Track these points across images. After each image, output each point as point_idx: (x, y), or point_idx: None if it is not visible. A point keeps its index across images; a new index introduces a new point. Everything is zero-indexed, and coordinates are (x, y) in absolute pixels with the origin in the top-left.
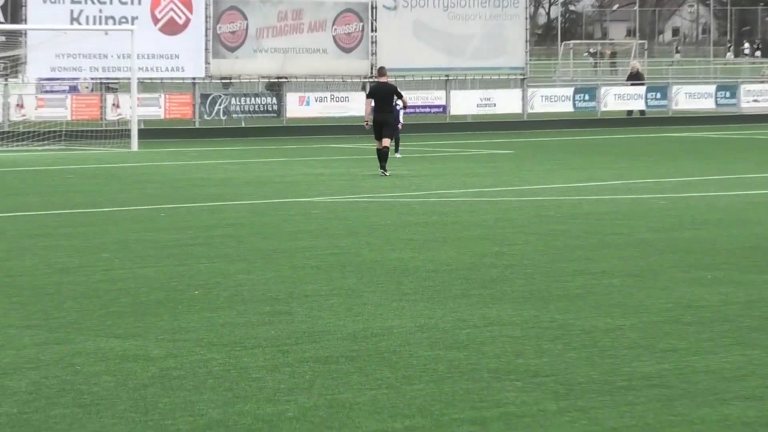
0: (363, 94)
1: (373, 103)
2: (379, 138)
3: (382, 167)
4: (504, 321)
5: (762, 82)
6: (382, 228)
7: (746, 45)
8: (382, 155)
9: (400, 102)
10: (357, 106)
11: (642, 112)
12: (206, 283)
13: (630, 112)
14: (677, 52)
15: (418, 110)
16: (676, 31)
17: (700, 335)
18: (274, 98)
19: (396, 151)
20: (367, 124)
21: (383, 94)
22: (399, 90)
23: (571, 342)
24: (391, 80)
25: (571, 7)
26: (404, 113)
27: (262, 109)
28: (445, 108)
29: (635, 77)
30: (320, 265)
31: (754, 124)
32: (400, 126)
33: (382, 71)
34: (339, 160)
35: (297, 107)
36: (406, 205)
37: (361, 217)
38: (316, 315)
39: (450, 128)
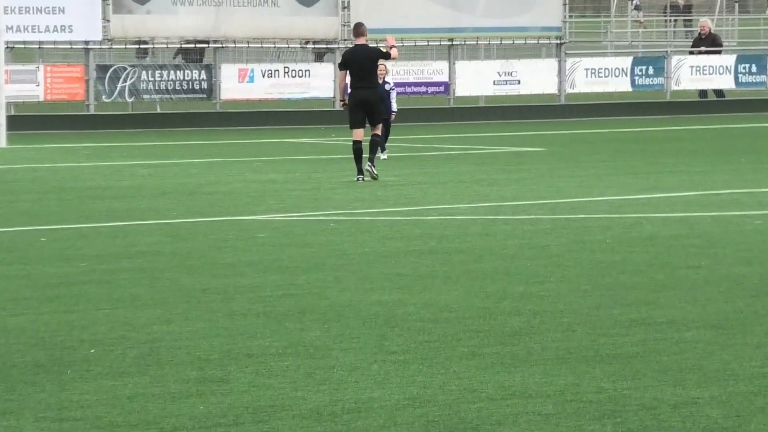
0: (332, 66)
1: (348, 76)
2: (358, 125)
3: (361, 172)
4: (530, 392)
5: None
6: (358, 259)
7: None
8: (366, 150)
9: (389, 80)
10: (321, 83)
11: (719, 92)
12: (106, 338)
13: (704, 93)
14: None
15: (409, 89)
16: None
17: None
18: (201, 71)
19: (382, 150)
20: (343, 103)
21: (362, 62)
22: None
23: (625, 421)
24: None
25: None
26: (395, 92)
27: (185, 87)
28: (447, 86)
29: (708, 42)
30: (269, 311)
31: None
32: (393, 116)
33: (359, 29)
34: (297, 161)
35: (236, 85)
36: (391, 225)
37: (328, 244)
38: (264, 383)
39: (455, 115)
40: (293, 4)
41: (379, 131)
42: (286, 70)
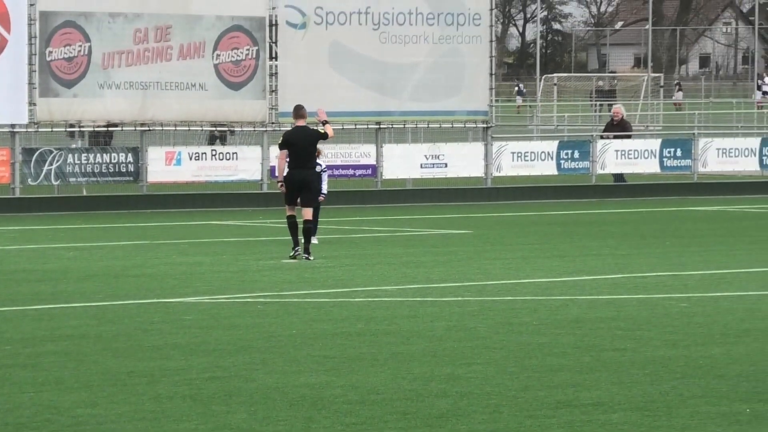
0: (259, 149)
1: (287, 156)
2: (292, 202)
3: (297, 244)
4: None
5: None
6: (286, 341)
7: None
8: (299, 228)
9: (321, 162)
10: (249, 165)
11: (619, 176)
12: (31, 422)
13: (618, 177)
14: (758, 88)
15: (337, 172)
16: (705, 60)
17: None
18: (128, 154)
19: (314, 234)
20: (280, 184)
21: (302, 143)
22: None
23: None
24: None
25: (556, 26)
26: (327, 174)
27: (112, 170)
28: (375, 169)
29: (619, 127)
30: (196, 394)
31: None
32: (322, 197)
33: (299, 111)
34: (224, 244)
35: (163, 167)
36: (319, 307)
37: (254, 326)
38: None
39: (382, 198)
40: (221, 87)
41: (310, 216)
42: (214, 152)
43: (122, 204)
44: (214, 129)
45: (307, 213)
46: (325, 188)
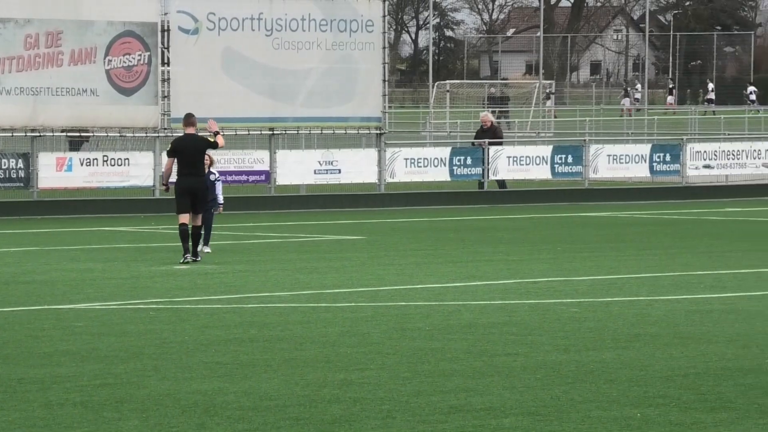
0: (151, 155)
1: (176, 163)
2: (184, 210)
3: (188, 251)
4: None
5: None
6: (178, 347)
7: (710, 86)
8: (190, 235)
9: (214, 170)
10: (141, 172)
11: (501, 183)
12: None
13: (502, 183)
14: (627, 96)
15: (230, 178)
16: (596, 67)
17: None
18: (19, 160)
19: (206, 242)
20: (165, 188)
21: (191, 151)
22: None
23: None
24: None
25: (449, 33)
26: (221, 183)
27: (2, 176)
28: (269, 175)
29: (490, 134)
30: (87, 401)
31: (705, 200)
32: (220, 209)
33: (189, 119)
34: (116, 250)
35: (54, 173)
36: (212, 313)
37: (146, 332)
38: None
39: (276, 204)
40: (113, 93)
41: (200, 222)
42: (105, 158)
43: (12, 210)
44: (74, 135)
45: (197, 220)
46: (221, 198)
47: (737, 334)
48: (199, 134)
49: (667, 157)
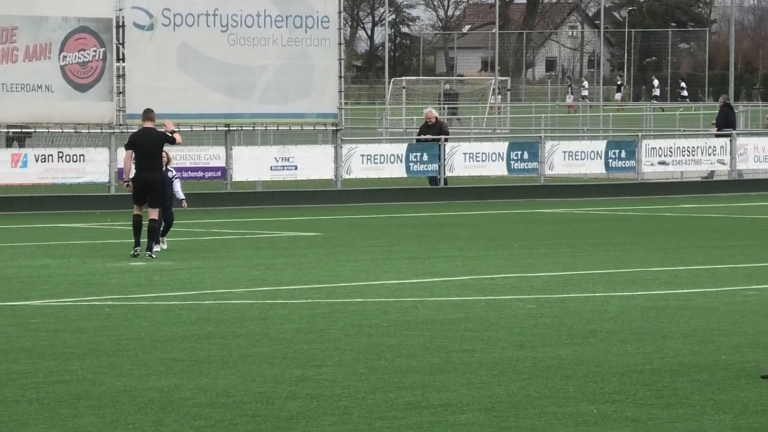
0: (106, 151)
1: (134, 157)
2: (139, 202)
3: (138, 244)
4: None
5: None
6: (134, 344)
7: (655, 83)
8: (141, 227)
9: (171, 168)
10: (96, 168)
11: (434, 179)
12: None
13: (433, 180)
14: (571, 92)
15: (186, 174)
16: (551, 64)
17: None
18: None
19: (163, 235)
20: (126, 185)
21: (149, 145)
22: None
23: None
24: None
25: (404, 30)
26: (179, 180)
27: None
28: (224, 171)
29: (435, 130)
30: (42, 397)
31: (660, 196)
32: (184, 204)
33: (148, 114)
34: (71, 246)
35: (9, 170)
36: (168, 310)
37: (103, 329)
38: None
39: (232, 200)
40: (68, 89)
41: (156, 216)
42: (60, 154)
43: None
44: (11, 131)
45: (153, 213)
46: (181, 194)
47: (693, 331)
48: (158, 129)
49: (623, 154)
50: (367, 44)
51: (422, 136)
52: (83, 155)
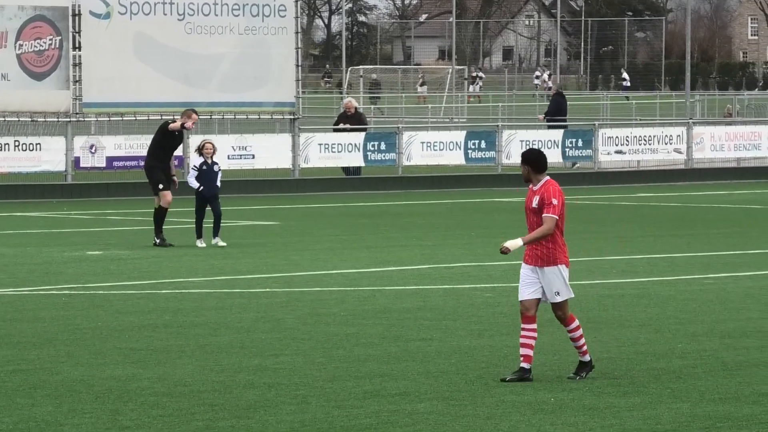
0: (63, 140)
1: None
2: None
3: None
4: None
5: (725, 122)
6: (92, 333)
7: (625, 75)
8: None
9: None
10: (53, 157)
11: (348, 169)
12: None
13: (347, 170)
14: (550, 85)
15: (142, 163)
16: (508, 53)
17: None
18: None
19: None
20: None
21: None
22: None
23: None
24: (101, 120)
25: (361, 18)
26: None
27: None
28: (181, 160)
29: (355, 120)
30: (0, 386)
31: (617, 185)
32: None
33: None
34: (28, 235)
35: None
36: (125, 299)
37: (59, 318)
38: None
39: (188, 189)
40: (24, 78)
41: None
42: (17, 143)
43: None
44: None
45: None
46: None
47: (649, 319)
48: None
49: (580, 143)
50: (324, 33)
51: (340, 126)
52: (39, 144)
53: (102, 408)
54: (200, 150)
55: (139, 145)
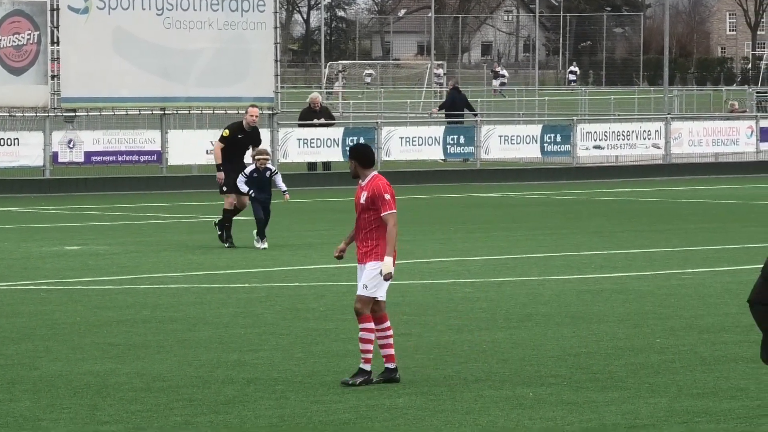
0: (41, 135)
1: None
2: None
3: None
4: None
5: (731, 117)
6: (70, 328)
7: (573, 68)
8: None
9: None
10: (31, 151)
11: (313, 164)
12: None
13: (312, 165)
14: (499, 77)
15: (121, 158)
16: (487, 48)
17: None
18: None
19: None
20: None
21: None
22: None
23: None
24: (80, 114)
25: (340, 13)
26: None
27: None
28: (160, 155)
29: (321, 114)
30: None
31: (595, 180)
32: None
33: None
34: (5, 231)
35: None
36: (104, 294)
37: (38, 313)
38: None
39: (167, 184)
40: (2, 73)
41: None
42: None
43: None
44: None
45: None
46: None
47: (627, 314)
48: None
49: (558, 138)
50: (303, 28)
51: (311, 121)
52: (17, 139)
53: (80, 403)
54: (253, 158)
55: (118, 140)
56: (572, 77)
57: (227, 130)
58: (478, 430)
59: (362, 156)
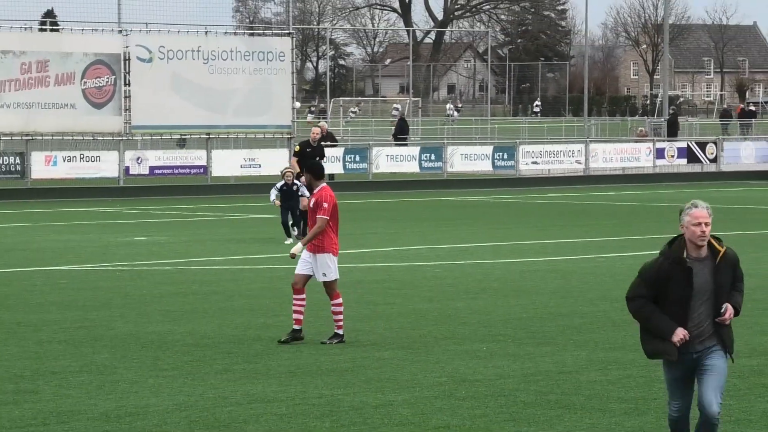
0: (116, 153)
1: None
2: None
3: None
4: (269, 398)
5: (638, 140)
6: (138, 299)
7: (537, 103)
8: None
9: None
10: (109, 166)
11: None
12: None
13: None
14: (457, 110)
15: (176, 171)
16: (451, 88)
17: (474, 410)
18: (17, 157)
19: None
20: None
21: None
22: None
23: (339, 419)
24: (145, 138)
25: (341, 62)
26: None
27: (3, 169)
28: (206, 169)
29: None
30: (69, 339)
31: (533, 188)
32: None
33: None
34: (90, 225)
35: (43, 167)
36: (163, 273)
37: (114, 287)
38: (65, 393)
39: (212, 190)
40: (87, 107)
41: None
42: (82, 156)
43: (10, 196)
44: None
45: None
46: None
47: (557, 288)
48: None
49: (505, 156)
50: (313, 72)
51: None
52: (99, 156)
53: (146, 355)
54: (282, 175)
55: (174, 157)
56: (537, 110)
57: (298, 146)
58: (445, 375)
59: (315, 171)
